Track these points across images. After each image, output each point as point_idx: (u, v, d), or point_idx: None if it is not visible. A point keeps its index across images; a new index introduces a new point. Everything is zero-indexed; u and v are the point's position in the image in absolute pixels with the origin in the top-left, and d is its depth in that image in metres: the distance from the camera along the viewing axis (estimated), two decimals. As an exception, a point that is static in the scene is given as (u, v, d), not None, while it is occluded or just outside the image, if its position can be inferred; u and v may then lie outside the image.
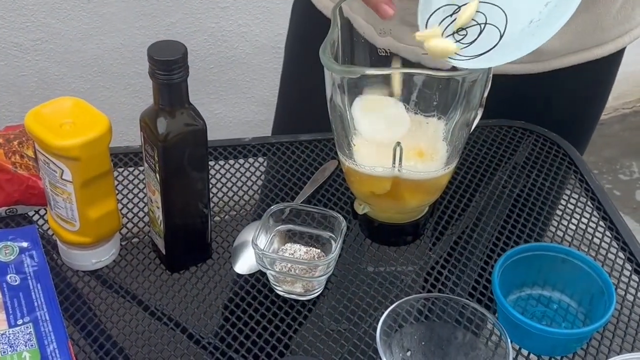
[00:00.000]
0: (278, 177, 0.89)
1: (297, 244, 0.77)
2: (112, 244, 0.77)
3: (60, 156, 0.68)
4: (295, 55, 1.06)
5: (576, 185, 0.90)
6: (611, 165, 2.31)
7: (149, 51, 0.65)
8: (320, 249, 0.77)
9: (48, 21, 1.62)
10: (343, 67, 0.72)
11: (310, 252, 0.77)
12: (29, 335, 0.65)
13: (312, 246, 0.77)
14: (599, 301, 0.72)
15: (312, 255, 0.76)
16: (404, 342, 0.66)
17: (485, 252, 0.81)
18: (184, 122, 0.69)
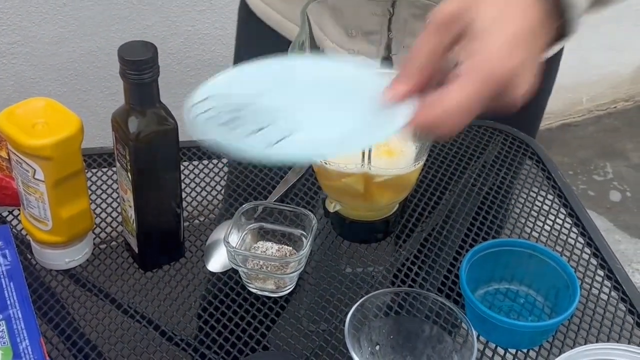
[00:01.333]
0: (251, 176, 0.90)
1: (269, 242, 0.78)
2: (85, 243, 0.77)
3: (32, 155, 0.69)
4: (237, 58, 1.08)
5: (544, 184, 0.92)
6: (585, 166, 2.34)
7: (119, 51, 0.66)
8: (291, 246, 0.78)
9: (24, 24, 1.62)
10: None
11: (282, 249, 0.78)
12: (1, 333, 0.66)
13: (283, 244, 0.78)
14: (564, 295, 0.74)
15: (283, 253, 0.77)
16: (373, 336, 0.67)
17: (454, 248, 0.83)
18: (155, 121, 0.69)
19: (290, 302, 0.76)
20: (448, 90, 0.54)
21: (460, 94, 0.53)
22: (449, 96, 0.54)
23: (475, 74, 0.53)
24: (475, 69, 0.54)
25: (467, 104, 0.53)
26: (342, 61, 0.66)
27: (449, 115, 0.53)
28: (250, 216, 0.78)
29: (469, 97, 0.53)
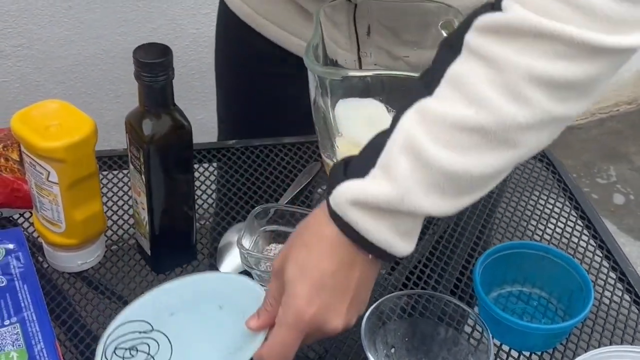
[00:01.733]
0: (262, 179, 0.90)
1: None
2: (97, 245, 0.77)
3: (46, 158, 0.69)
4: (218, 57, 1.09)
5: (554, 186, 0.92)
6: (589, 169, 2.34)
7: (134, 54, 0.66)
8: None
9: (30, 27, 1.62)
10: (325, 68, 0.73)
11: None
12: (16, 336, 0.66)
13: None
14: (577, 297, 0.74)
15: None
16: (388, 338, 0.67)
17: (466, 250, 0.83)
18: (169, 124, 0.69)
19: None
20: (272, 334, 0.63)
21: (277, 337, 0.62)
22: (271, 340, 0.63)
23: (285, 320, 0.61)
24: (285, 316, 0.61)
25: (284, 343, 0.61)
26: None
27: (274, 352, 0.62)
28: (262, 219, 0.78)
29: (284, 339, 0.61)
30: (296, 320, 0.60)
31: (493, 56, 0.53)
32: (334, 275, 0.60)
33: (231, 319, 0.69)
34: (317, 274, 0.60)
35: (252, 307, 0.68)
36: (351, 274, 0.60)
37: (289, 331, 0.61)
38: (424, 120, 0.56)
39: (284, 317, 0.61)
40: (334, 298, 0.60)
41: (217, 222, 0.85)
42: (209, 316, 0.70)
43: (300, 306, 0.60)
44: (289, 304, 0.60)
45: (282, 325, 0.61)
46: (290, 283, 0.60)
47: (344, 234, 0.59)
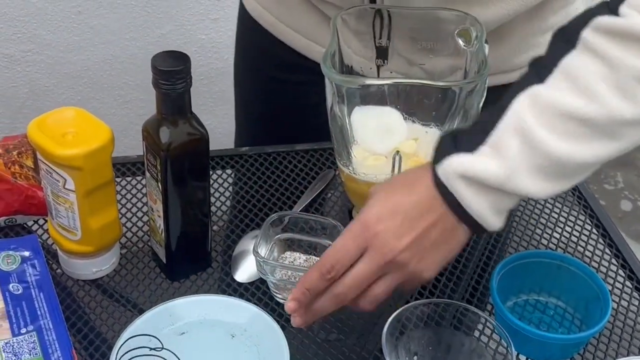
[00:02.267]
0: (275, 186, 0.90)
1: (297, 252, 0.78)
2: (112, 253, 0.77)
3: (63, 165, 0.68)
4: (238, 63, 1.09)
5: (569, 194, 0.92)
6: (596, 176, 2.34)
7: (152, 61, 0.66)
8: (319, 256, 0.77)
9: (39, 32, 1.62)
10: (342, 76, 0.73)
11: (310, 260, 0.77)
12: (33, 344, 0.66)
13: (311, 254, 0.78)
14: (594, 307, 0.74)
15: (311, 263, 0.77)
16: (411, 346, 0.67)
17: (482, 259, 0.82)
18: (186, 132, 0.69)
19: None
20: (354, 269, 0.65)
21: (360, 269, 0.65)
22: (352, 271, 0.65)
23: (372, 254, 0.64)
24: (373, 251, 0.64)
25: (364, 273, 0.64)
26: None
27: (353, 281, 0.65)
28: (277, 226, 0.78)
29: (365, 271, 0.64)
30: (383, 254, 0.63)
31: (609, 55, 0.59)
32: (407, 209, 0.64)
33: (243, 349, 0.70)
34: (408, 214, 0.63)
35: (265, 340, 0.70)
36: (424, 220, 0.64)
37: (371, 264, 0.64)
38: (535, 105, 0.60)
39: (372, 250, 0.63)
40: (420, 242, 0.64)
41: (232, 230, 0.84)
42: (221, 343, 0.71)
43: (390, 241, 0.63)
44: (378, 236, 0.63)
45: (367, 258, 0.64)
46: (380, 216, 0.64)
47: (444, 200, 0.63)
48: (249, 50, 1.03)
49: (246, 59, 1.05)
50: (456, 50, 0.76)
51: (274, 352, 0.68)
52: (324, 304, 0.66)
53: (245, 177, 0.92)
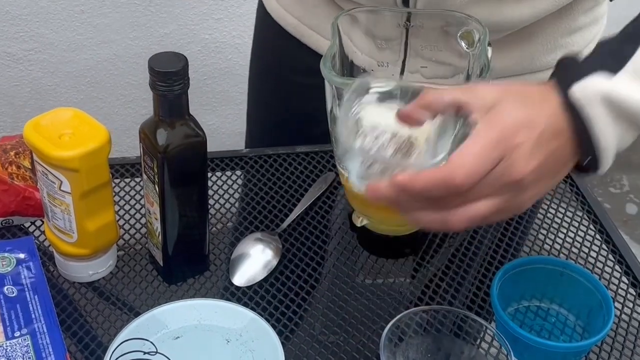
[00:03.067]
0: (275, 188, 0.89)
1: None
2: (109, 255, 0.76)
3: (59, 167, 0.68)
4: (254, 61, 1.08)
5: (572, 199, 0.91)
6: (602, 179, 2.32)
7: (149, 62, 0.65)
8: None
9: (42, 31, 1.62)
10: (343, 79, 0.72)
11: (396, 138, 0.66)
12: (26, 348, 0.65)
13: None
14: (597, 314, 0.73)
15: (399, 143, 0.66)
16: (410, 353, 0.66)
17: (483, 265, 0.81)
18: (184, 134, 0.68)
19: (315, 317, 0.75)
20: (466, 146, 0.57)
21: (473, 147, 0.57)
22: (463, 149, 0.57)
23: (489, 136, 0.57)
24: (490, 131, 0.57)
25: (479, 155, 0.56)
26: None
27: (465, 160, 0.56)
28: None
29: (480, 152, 0.56)
30: (511, 172, 0.57)
31: None
32: (543, 127, 0.58)
33: (238, 355, 0.69)
34: (543, 132, 0.58)
35: (260, 346, 0.69)
36: (552, 143, 0.59)
37: (495, 181, 0.57)
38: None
39: (502, 165, 0.57)
40: (543, 167, 0.58)
41: (230, 233, 0.83)
42: (215, 348, 0.70)
43: (522, 158, 0.57)
44: (517, 149, 0.57)
45: (483, 138, 0.57)
46: (519, 126, 0.57)
47: (572, 124, 0.59)
48: (267, 52, 1.02)
49: (264, 60, 1.03)
50: (458, 52, 0.75)
51: (270, 358, 0.68)
52: (412, 205, 0.59)
53: (245, 179, 0.91)
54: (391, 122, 0.64)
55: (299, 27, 0.94)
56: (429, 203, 0.58)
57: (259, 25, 1.04)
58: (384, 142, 0.66)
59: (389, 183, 0.57)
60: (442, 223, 0.59)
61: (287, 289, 0.77)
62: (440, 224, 0.59)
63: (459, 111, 0.60)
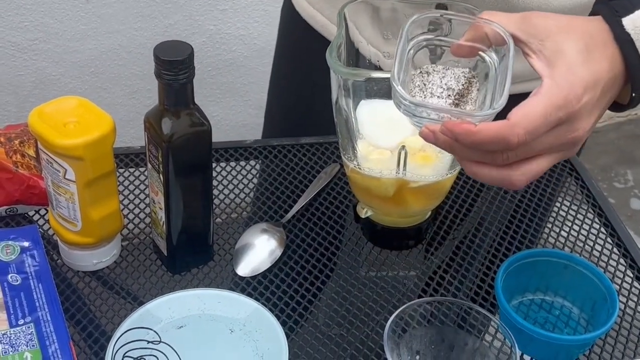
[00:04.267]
0: (280, 179, 0.89)
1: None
2: (113, 244, 0.76)
3: (64, 155, 0.68)
4: (279, 59, 1.06)
5: (577, 192, 0.90)
6: (606, 173, 2.32)
7: (155, 51, 0.65)
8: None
9: (46, 21, 1.61)
10: (349, 69, 0.72)
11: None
12: (30, 336, 0.65)
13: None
14: (601, 307, 0.72)
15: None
16: (413, 344, 0.66)
17: (487, 257, 0.81)
18: (189, 123, 0.68)
19: (319, 307, 0.75)
20: (529, 104, 0.57)
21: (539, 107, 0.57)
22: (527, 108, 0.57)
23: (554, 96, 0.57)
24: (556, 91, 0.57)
25: (543, 114, 0.56)
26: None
27: (527, 119, 0.56)
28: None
29: (545, 111, 0.56)
30: (573, 130, 0.58)
31: None
32: (605, 82, 0.59)
33: (241, 344, 0.69)
34: (605, 87, 0.59)
35: (264, 336, 0.69)
36: (609, 94, 0.60)
37: (556, 140, 0.58)
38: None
39: (565, 125, 0.58)
40: (595, 102, 0.59)
41: (234, 223, 0.83)
42: (219, 337, 0.70)
43: (584, 118, 0.58)
44: (581, 110, 0.57)
45: (548, 99, 0.57)
46: (587, 85, 0.58)
47: (624, 58, 0.59)
48: (296, 52, 1.01)
49: (291, 60, 1.02)
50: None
51: (273, 348, 0.67)
52: (467, 154, 0.59)
53: (249, 170, 0.90)
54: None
55: (328, 26, 0.93)
56: (484, 155, 0.58)
57: (286, 25, 1.02)
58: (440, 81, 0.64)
59: (446, 129, 0.57)
60: (504, 181, 0.59)
61: (291, 279, 0.77)
62: (500, 181, 0.59)
63: (516, 44, 0.60)
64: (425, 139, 0.60)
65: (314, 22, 0.94)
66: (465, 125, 0.56)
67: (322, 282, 0.78)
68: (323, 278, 0.78)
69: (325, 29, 0.93)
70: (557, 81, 0.57)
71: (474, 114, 0.58)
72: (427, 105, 0.60)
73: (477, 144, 0.57)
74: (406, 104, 0.59)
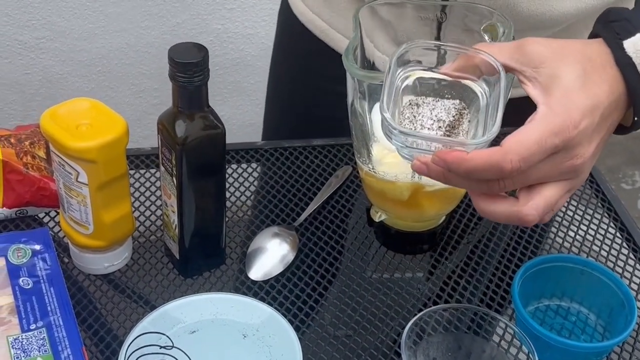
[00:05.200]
0: (291, 182, 0.88)
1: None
2: (125, 247, 0.76)
3: (76, 158, 0.67)
4: (276, 64, 1.06)
5: (592, 196, 0.89)
6: (614, 174, 2.31)
7: (169, 53, 0.64)
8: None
9: (53, 19, 1.61)
10: (365, 72, 0.71)
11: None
12: (42, 341, 0.64)
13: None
14: (619, 314, 0.72)
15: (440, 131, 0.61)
16: (430, 351, 0.65)
17: (502, 262, 0.80)
18: (203, 126, 0.67)
19: (332, 312, 0.74)
20: (524, 130, 0.56)
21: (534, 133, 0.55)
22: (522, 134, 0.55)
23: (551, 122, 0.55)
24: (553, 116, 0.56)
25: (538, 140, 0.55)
26: None
27: (522, 146, 0.55)
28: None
29: (540, 137, 0.55)
30: (572, 157, 0.56)
31: None
32: (605, 106, 0.57)
33: (255, 350, 0.68)
34: (604, 112, 0.57)
35: (278, 342, 0.68)
36: (610, 118, 0.59)
37: (554, 168, 0.56)
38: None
39: (563, 152, 0.56)
40: (601, 145, 0.58)
41: (246, 226, 0.83)
42: (232, 343, 0.69)
43: (584, 144, 0.56)
44: (578, 136, 0.56)
45: (543, 126, 0.55)
46: (585, 111, 0.56)
47: (627, 84, 0.58)
48: (292, 56, 1.00)
49: (288, 64, 1.01)
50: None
51: (287, 354, 0.67)
52: (462, 184, 0.58)
53: (261, 172, 0.90)
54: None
55: (327, 31, 0.92)
56: (480, 184, 0.57)
57: (284, 28, 1.01)
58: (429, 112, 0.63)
59: (437, 158, 0.56)
60: (511, 216, 0.58)
61: (304, 284, 0.76)
62: (509, 217, 0.58)
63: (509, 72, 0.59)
64: (417, 171, 0.59)
65: (312, 26, 0.93)
66: (456, 152, 0.55)
67: (335, 286, 0.77)
68: (336, 282, 0.77)
69: (325, 34, 0.92)
70: (552, 107, 0.56)
71: (466, 142, 0.57)
72: (419, 135, 0.59)
73: (470, 171, 0.55)
74: (396, 134, 0.58)
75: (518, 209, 0.57)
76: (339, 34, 0.91)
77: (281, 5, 1.01)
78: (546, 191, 0.57)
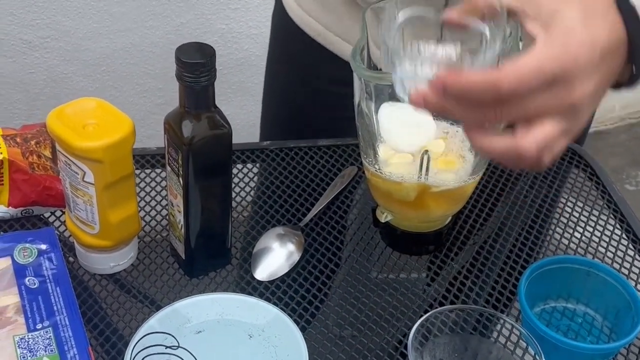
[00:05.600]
0: (297, 182, 0.88)
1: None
2: (130, 247, 0.76)
3: (83, 158, 0.67)
4: (272, 66, 1.06)
5: (598, 197, 0.89)
6: (617, 175, 2.30)
7: (177, 53, 0.64)
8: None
9: (58, 19, 1.61)
10: (372, 72, 0.71)
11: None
12: (48, 340, 0.64)
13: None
14: (625, 315, 0.71)
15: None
16: (437, 352, 0.65)
17: (508, 263, 0.80)
18: (209, 126, 0.67)
19: (338, 313, 0.74)
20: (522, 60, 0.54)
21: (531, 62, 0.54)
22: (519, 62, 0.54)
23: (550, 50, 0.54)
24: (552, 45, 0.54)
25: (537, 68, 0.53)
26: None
27: (519, 72, 0.53)
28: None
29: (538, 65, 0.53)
30: (570, 91, 0.54)
31: None
32: (604, 45, 0.56)
33: (261, 350, 0.68)
34: (603, 51, 0.56)
35: (284, 342, 0.68)
36: (609, 59, 0.57)
37: (552, 100, 0.54)
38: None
39: (561, 84, 0.54)
40: (598, 89, 0.56)
41: (252, 226, 0.83)
42: (238, 343, 0.69)
43: (582, 78, 0.55)
44: (576, 67, 0.54)
45: (551, 93, 0.54)
46: (583, 41, 0.55)
47: (628, 34, 0.57)
48: (288, 59, 0.99)
49: (283, 66, 1.01)
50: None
51: (293, 355, 0.67)
52: (460, 112, 0.56)
53: (266, 172, 0.90)
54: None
55: (325, 34, 0.92)
56: (475, 110, 0.55)
57: (279, 31, 1.01)
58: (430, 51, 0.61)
59: (435, 81, 0.54)
60: (510, 150, 0.56)
61: (310, 284, 0.76)
62: (507, 151, 0.56)
63: (512, 17, 0.58)
64: (414, 103, 0.57)
65: (309, 29, 0.93)
66: (454, 72, 0.54)
67: (340, 287, 0.77)
68: (342, 283, 0.77)
69: (323, 38, 0.92)
70: (551, 38, 0.55)
71: (471, 68, 0.56)
72: (425, 58, 0.57)
73: (466, 89, 0.53)
74: (402, 60, 0.58)
75: (515, 142, 0.56)
76: (336, 37, 0.90)
77: (275, 6, 1.01)
78: (544, 125, 0.55)
